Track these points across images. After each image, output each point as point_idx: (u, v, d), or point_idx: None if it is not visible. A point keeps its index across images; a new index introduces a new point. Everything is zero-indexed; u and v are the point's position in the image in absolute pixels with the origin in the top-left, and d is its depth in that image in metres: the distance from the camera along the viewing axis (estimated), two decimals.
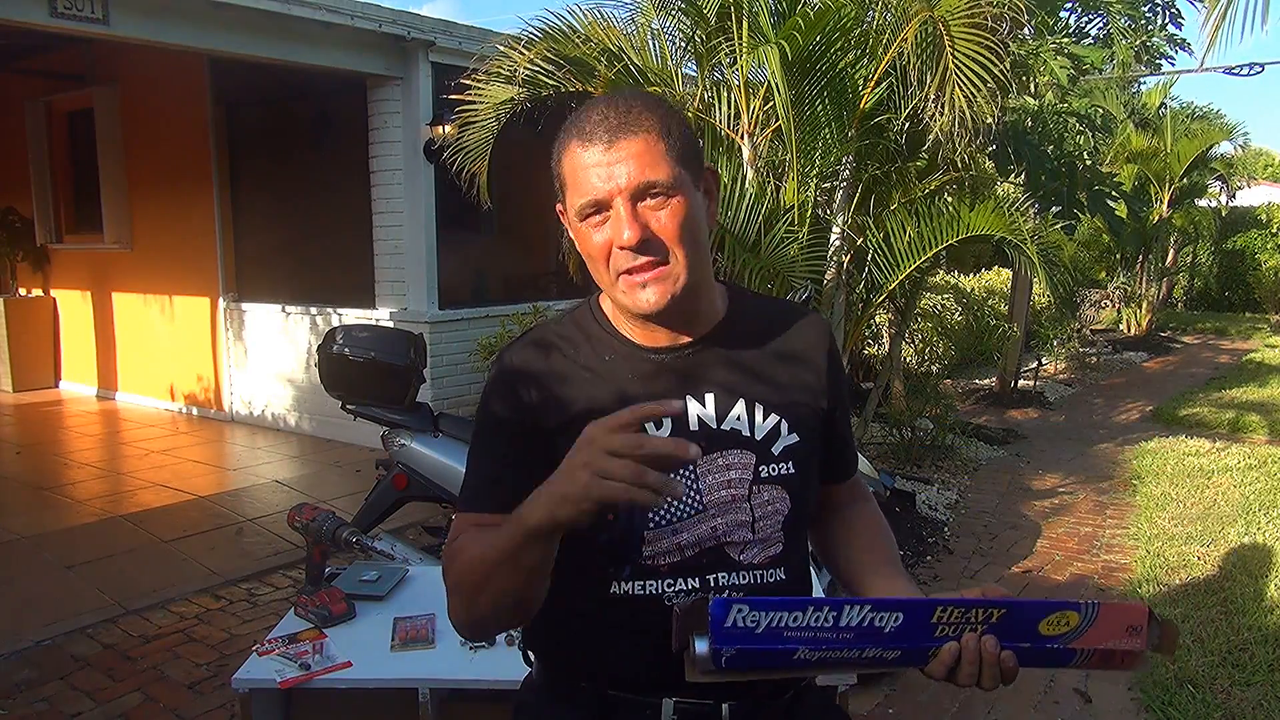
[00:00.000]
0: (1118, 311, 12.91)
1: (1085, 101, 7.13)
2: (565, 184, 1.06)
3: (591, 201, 1.02)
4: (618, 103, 1.04)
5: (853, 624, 0.88)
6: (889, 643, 0.89)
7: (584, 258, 1.09)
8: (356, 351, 3.22)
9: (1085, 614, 0.92)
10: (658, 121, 1.03)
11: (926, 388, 6.36)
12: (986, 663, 0.91)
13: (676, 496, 0.85)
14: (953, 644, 0.91)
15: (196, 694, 2.96)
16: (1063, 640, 0.92)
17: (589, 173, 1.02)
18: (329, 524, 2.12)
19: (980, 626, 0.91)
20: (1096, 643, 0.93)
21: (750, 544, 1.09)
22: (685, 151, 1.05)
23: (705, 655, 0.86)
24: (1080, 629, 0.92)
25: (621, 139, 1.01)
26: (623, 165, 1.01)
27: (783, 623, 0.86)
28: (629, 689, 1.08)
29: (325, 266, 6.44)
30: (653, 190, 1.01)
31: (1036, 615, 0.92)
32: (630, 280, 1.04)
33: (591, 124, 1.02)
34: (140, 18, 4.60)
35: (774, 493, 1.10)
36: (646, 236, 1.01)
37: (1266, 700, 2.86)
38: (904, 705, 2.93)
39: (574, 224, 1.07)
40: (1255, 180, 17.59)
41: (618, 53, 4.20)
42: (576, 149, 1.03)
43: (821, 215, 4.36)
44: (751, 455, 1.10)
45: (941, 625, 0.90)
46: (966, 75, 3.56)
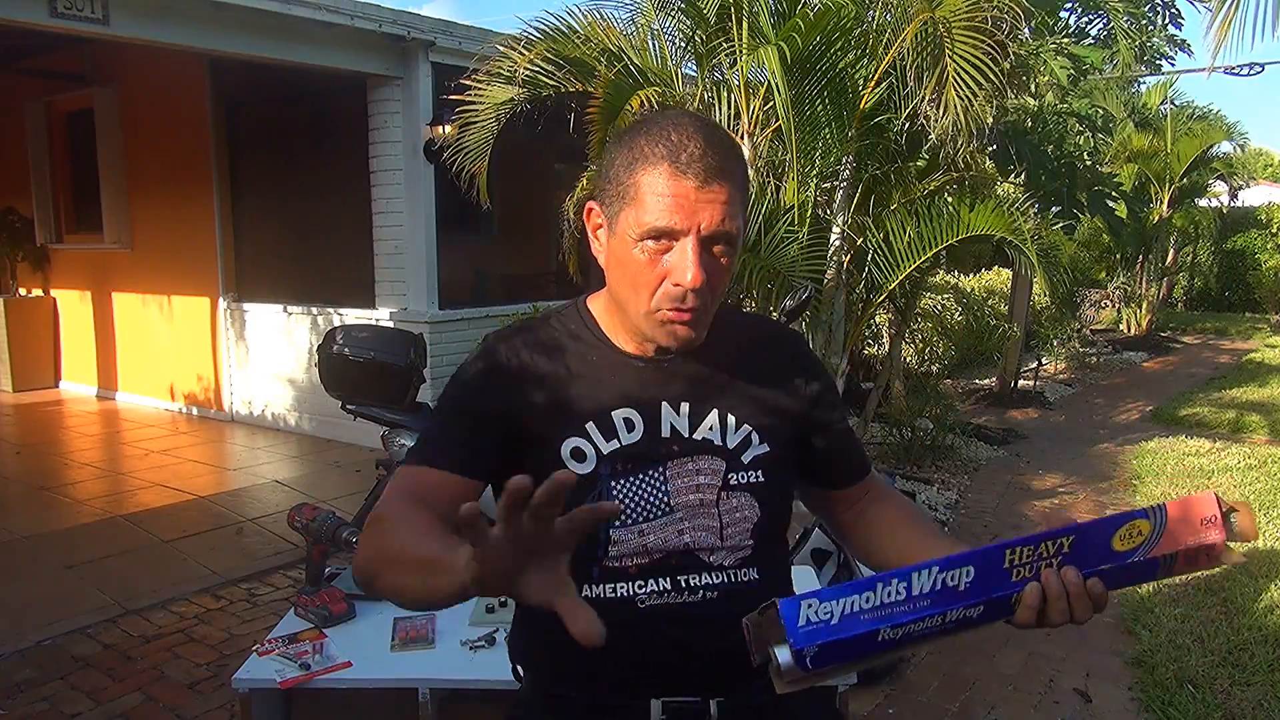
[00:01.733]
0: (1118, 311, 12.91)
1: (1085, 102, 7.14)
2: (634, 197, 1.03)
3: (665, 229, 1.01)
4: (714, 141, 1.02)
5: (925, 590, 0.84)
6: (968, 599, 0.85)
7: (613, 270, 1.08)
8: (356, 351, 3.22)
9: (1155, 519, 0.88)
10: (742, 175, 1.05)
11: (926, 388, 6.36)
12: (1074, 595, 0.87)
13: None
14: (1034, 584, 0.86)
15: (196, 694, 2.96)
16: (1141, 551, 0.88)
17: (672, 201, 1.00)
18: (329, 524, 2.12)
19: (1055, 560, 0.87)
20: (1176, 545, 0.88)
21: (718, 549, 1.10)
22: (746, 209, 1.07)
23: (789, 662, 0.83)
24: (1154, 535, 0.88)
25: (716, 183, 1.01)
26: (709, 209, 1.00)
27: (856, 606, 0.83)
28: (616, 693, 1.09)
29: (325, 266, 6.44)
30: (723, 240, 1.03)
31: (1108, 532, 0.88)
32: (672, 317, 1.04)
33: (689, 154, 1.00)
34: (140, 18, 4.60)
35: (743, 499, 1.11)
36: (705, 282, 1.02)
37: (1266, 700, 2.86)
38: (904, 705, 2.93)
39: (623, 238, 1.04)
40: (1255, 180, 17.59)
41: (618, 53, 4.20)
42: (665, 174, 1.01)
43: (821, 215, 4.36)
44: (722, 462, 1.11)
45: (1016, 568, 0.86)
46: (965, 77, 3.56)
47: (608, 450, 1.09)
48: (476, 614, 2.01)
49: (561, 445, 1.08)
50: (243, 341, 6.85)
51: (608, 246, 1.09)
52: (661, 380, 1.12)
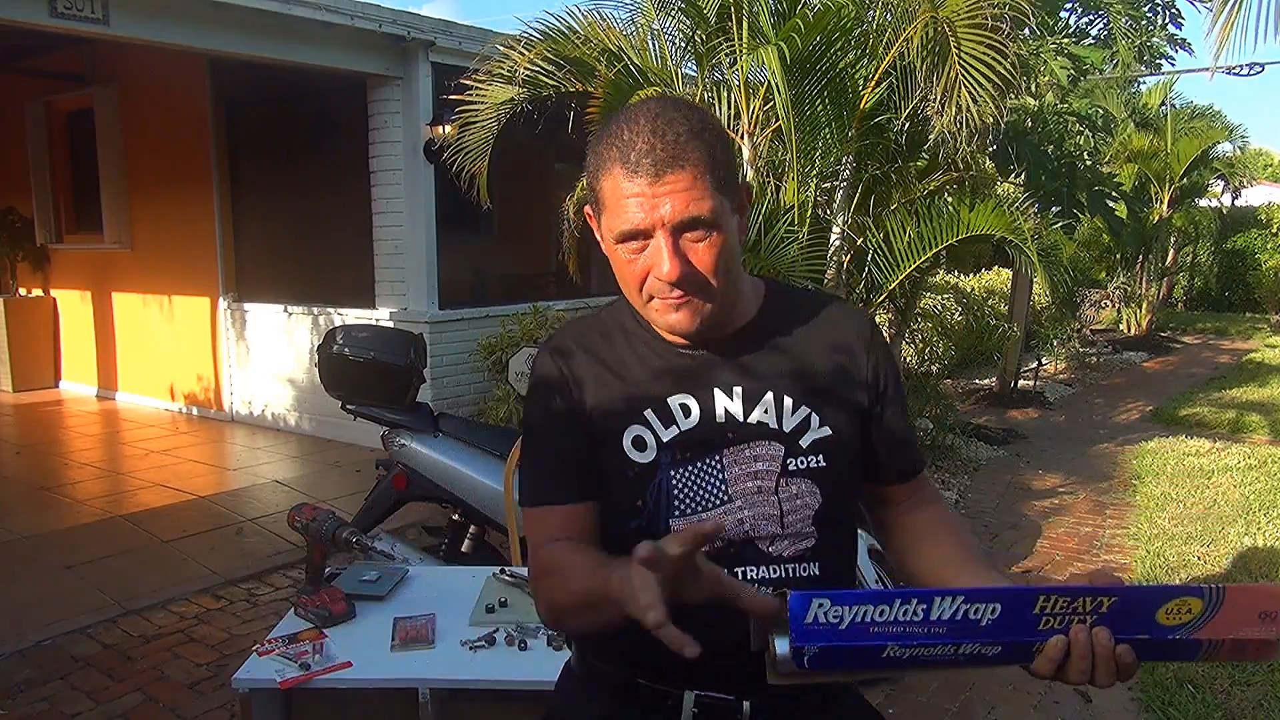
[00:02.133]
0: (1118, 311, 12.90)
1: (1085, 102, 7.14)
2: (603, 204, 1.05)
3: (632, 231, 1.02)
4: (664, 130, 1.00)
5: (944, 617, 0.80)
6: (987, 637, 0.81)
7: (616, 274, 1.10)
8: (356, 351, 3.22)
9: (1210, 599, 0.82)
10: (705, 152, 1.01)
11: (926, 388, 6.36)
12: (1100, 657, 0.82)
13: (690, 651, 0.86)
14: (1060, 637, 0.82)
15: (196, 694, 2.96)
16: (1185, 630, 0.82)
17: (631, 202, 1.01)
18: (329, 524, 2.12)
19: (1090, 617, 0.82)
20: (1224, 632, 0.82)
21: (779, 538, 1.09)
22: (726, 179, 1.04)
23: (786, 655, 0.81)
24: (1205, 617, 0.82)
25: (668, 173, 1.00)
26: (667, 200, 1.00)
27: (868, 617, 0.80)
28: (653, 678, 1.10)
29: (325, 266, 6.44)
30: (695, 226, 1.02)
31: (1154, 602, 0.83)
32: (664, 305, 1.05)
33: (638, 152, 1.00)
34: (140, 18, 4.60)
35: (803, 485, 1.10)
36: (686, 271, 1.02)
37: (1266, 700, 2.86)
38: (904, 705, 2.93)
39: (608, 243, 1.07)
40: (1255, 180, 17.58)
41: (617, 53, 4.20)
42: (620, 175, 1.01)
43: (821, 215, 4.36)
44: (780, 447, 1.10)
45: (1046, 616, 0.82)
46: (972, 76, 3.56)
47: (668, 438, 1.09)
48: (476, 614, 2.01)
49: (624, 435, 1.09)
50: (243, 341, 6.85)
51: (604, 249, 1.10)
52: (712, 365, 1.12)
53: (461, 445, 3.24)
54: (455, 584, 2.21)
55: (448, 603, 2.07)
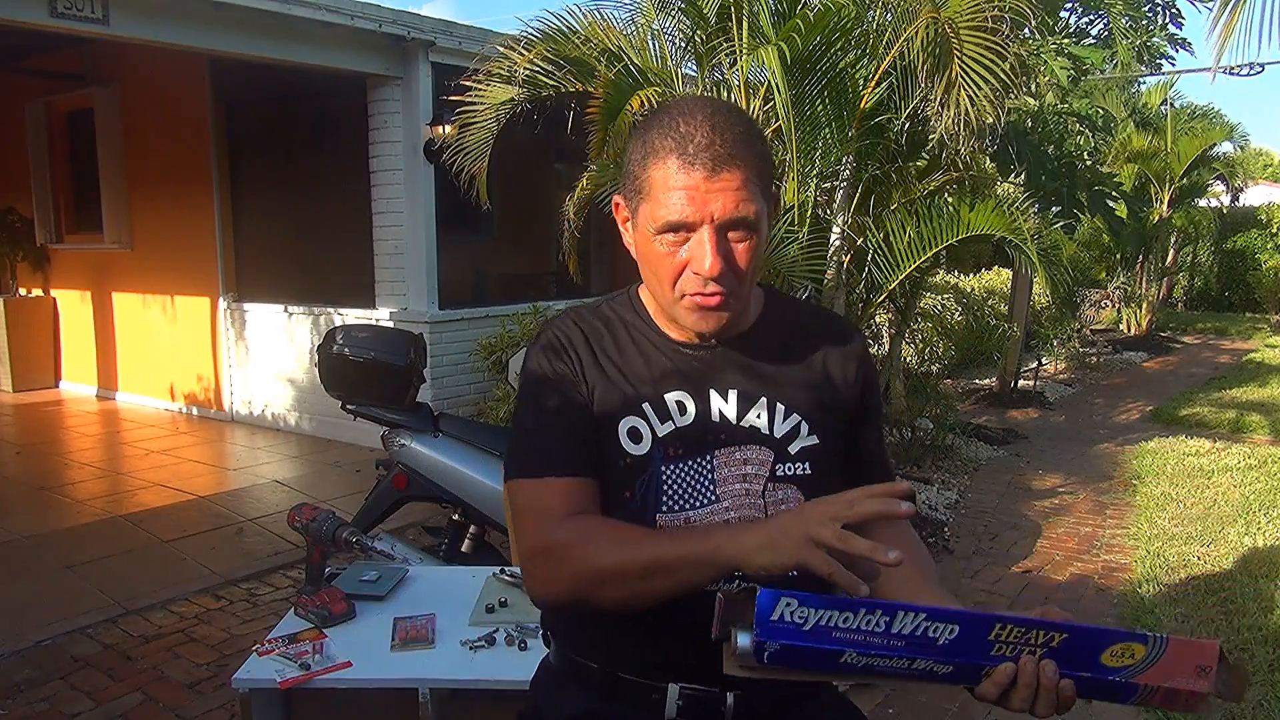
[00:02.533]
0: (1118, 311, 12.90)
1: (1086, 102, 7.14)
2: (648, 194, 1.05)
3: (679, 223, 1.02)
4: (723, 127, 1.02)
5: (905, 632, 0.83)
6: (941, 656, 0.85)
7: (642, 263, 1.10)
8: (356, 351, 3.22)
9: (1152, 647, 0.86)
10: (757, 157, 1.03)
11: (926, 388, 6.36)
12: (1044, 688, 0.86)
13: (859, 595, 0.85)
14: (1009, 665, 0.86)
15: (196, 694, 2.96)
16: (1126, 674, 0.87)
17: (682, 194, 1.01)
18: (329, 524, 2.12)
19: (1040, 650, 0.86)
20: (1161, 680, 0.87)
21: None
22: (767, 184, 1.06)
23: (747, 649, 0.84)
24: (1145, 663, 0.86)
25: (724, 171, 1.00)
26: (719, 197, 1.01)
27: (832, 622, 0.83)
28: (637, 673, 1.10)
29: (325, 266, 6.44)
30: (740, 226, 1.03)
31: (1100, 643, 0.87)
32: (696, 302, 1.05)
33: (696, 145, 1.01)
34: (140, 18, 4.60)
35: (788, 492, 1.11)
36: (725, 269, 1.03)
37: (1266, 700, 2.86)
38: (904, 705, 2.93)
39: (644, 233, 1.06)
40: (1255, 180, 17.58)
41: (617, 53, 4.19)
42: (675, 167, 1.02)
43: (821, 215, 4.36)
44: (769, 452, 1.11)
45: (999, 644, 0.85)
46: (972, 77, 3.56)
47: (663, 433, 1.09)
48: (476, 614, 2.02)
49: (619, 425, 1.09)
50: (243, 341, 6.85)
51: (634, 239, 1.10)
52: (711, 367, 1.13)
53: (461, 445, 3.24)
54: (455, 584, 2.21)
55: (448, 603, 2.07)
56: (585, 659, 1.14)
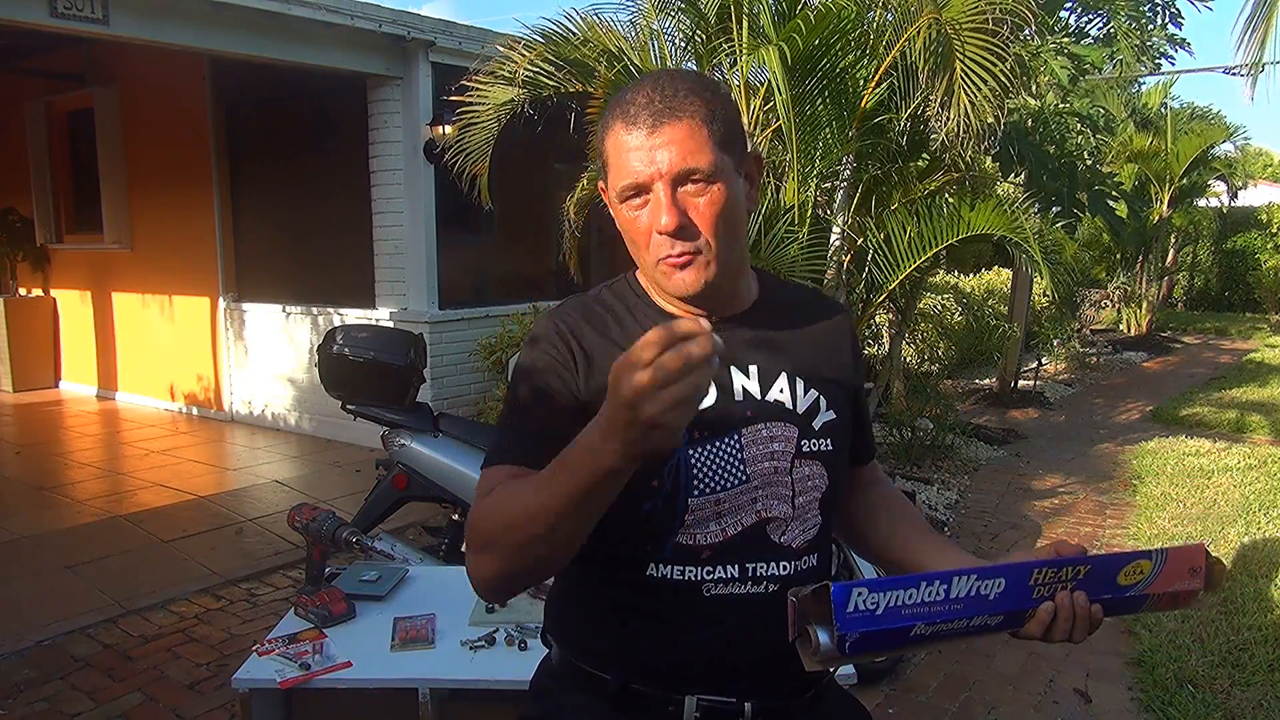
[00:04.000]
0: (1118, 311, 12.90)
1: (1086, 102, 7.13)
2: (607, 164, 1.06)
3: (632, 185, 1.03)
4: (663, 84, 1.03)
5: (962, 594, 0.90)
6: (993, 608, 0.92)
7: (624, 238, 1.10)
8: (356, 351, 3.21)
9: (1156, 561, 0.98)
10: (703, 106, 1.03)
11: (926, 388, 6.36)
12: (1080, 617, 0.95)
13: (721, 353, 0.79)
14: (1049, 604, 0.94)
15: (196, 694, 2.96)
16: (1138, 588, 0.98)
17: (630, 155, 1.02)
18: (329, 524, 2.12)
19: (1070, 584, 0.95)
20: (1165, 586, 0.98)
21: (790, 522, 1.08)
22: (728, 136, 1.04)
23: (829, 644, 0.88)
24: (1152, 575, 0.98)
25: (665, 124, 1.01)
26: (664, 150, 1.01)
27: (900, 601, 0.88)
28: (652, 683, 1.07)
29: (325, 266, 6.44)
30: (693, 177, 1.02)
31: (1116, 567, 0.97)
32: (669, 263, 1.04)
33: (636, 106, 1.02)
34: (140, 18, 4.60)
35: (813, 468, 1.11)
36: (684, 223, 1.02)
37: (1266, 700, 2.86)
38: (904, 705, 2.93)
39: (614, 203, 1.07)
40: (1255, 180, 17.58)
41: (617, 54, 4.19)
42: (620, 130, 1.03)
43: (821, 215, 4.36)
44: (794, 429, 1.10)
45: (1038, 586, 0.94)
46: (974, 78, 3.56)
47: None
48: (476, 614, 2.02)
49: None
50: (242, 341, 6.85)
51: (614, 217, 1.10)
52: (728, 342, 1.09)
53: (461, 445, 3.24)
54: (455, 584, 2.21)
55: (448, 603, 2.07)
56: (596, 669, 1.10)
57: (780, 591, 1.04)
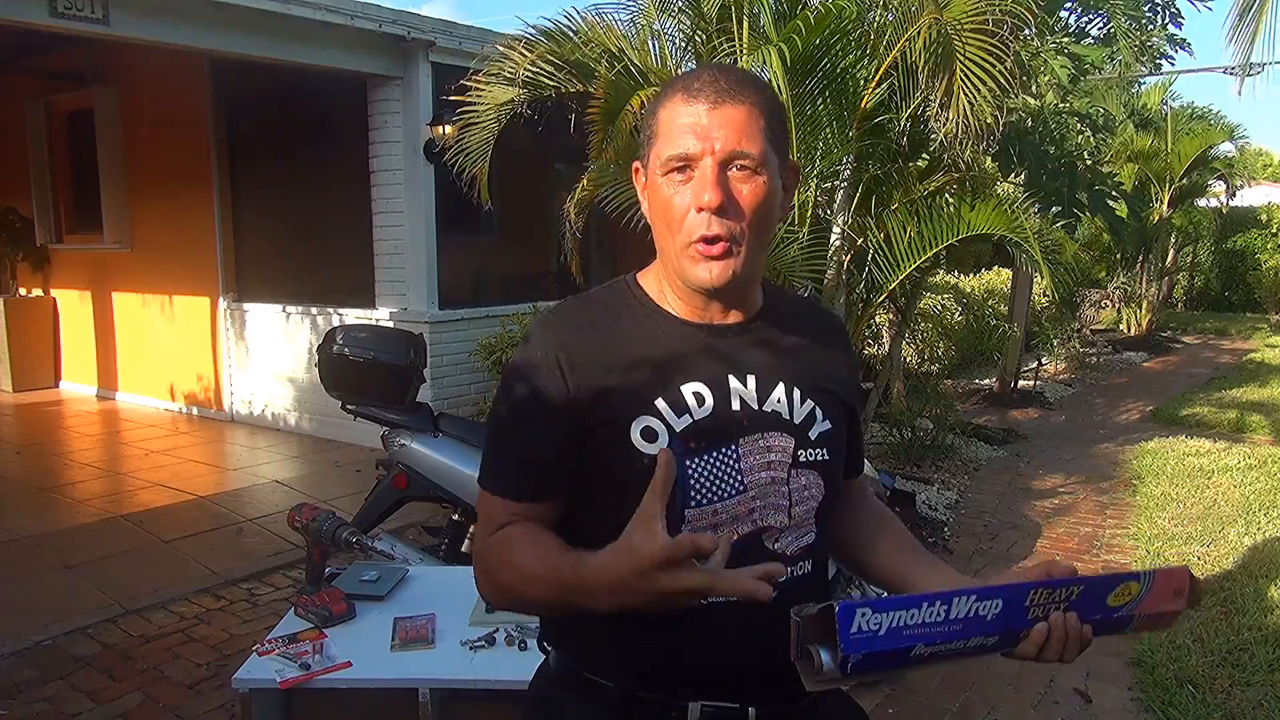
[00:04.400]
0: (1118, 311, 12.90)
1: (1086, 101, 7.13)
2: (657, 134, 1.06)
3: (681, 155, 1.03)
4: (729, 71, 1.06)
5: (961, 615, 0.91)
6: (990, 629, 0.93)
7: (653, 218, 1.09)
8: (356, 351, 3.21)
9: (1144, 583, 0.99)
10: (762, 99, 1.05)
11: (926, 388, 6.36)
12: (1072, 638, 0.96)
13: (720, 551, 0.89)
14: (1043, 624, 0.95)
15: (196, 694, 2.96)
16: (1126, 609, 0.99)
17: (686, 128, 1.03)
18: (329, 524, 2.12)
19: (1063, 605, 0.96)
20: (1151, 608, 1.00)
21: (786, 530, 1.09)
22: (777, 137, 1.06)
23: (831, 665, 0.88)
24: (1140, 597, 0.99)
25: (727, 103, 1.02)
26: (721, 129, 1.02)
27: (901, 621, 0.88)
28: (655, 689, 1.07)
29: (325, 266, 6.44)
30: (742, 161, 1.02)
31: (1106, 589, 0.98)
32: (702, 250, 1.04)
33: (701, 82, 1.04)
34: (140, 18, 4.60)
35: (810, 478, 1.11)
36: (726, 204, 1.02)
37: (1266, 700, 2.86)
38: (904, 705, 2.93)
39: (654, 178, 1.07)
40: (1255, 180, 17.58)
41: (618, 54, 4.20)
42: (679, 102, 1.04)
43: (821, 215, 4.36)
44: (791, 439, 1.10)
45: (1033, 607, 0.95)
46: (974, 78, 3.56)
47: (680, 427, 1.05)
48: (476, 614, 2.01)
49: (631, 426, 1.04)
50: (243, 341, 6.85)
51: (647, 196, 1.10)
52: (725, 350, 1.11)
53: (461, 445, 3.23)
54: (455, 584, 2.21)
55: (448, 603, 2.07)
56: (597, 675, 1.10)
57: (778, 598, 1.04)
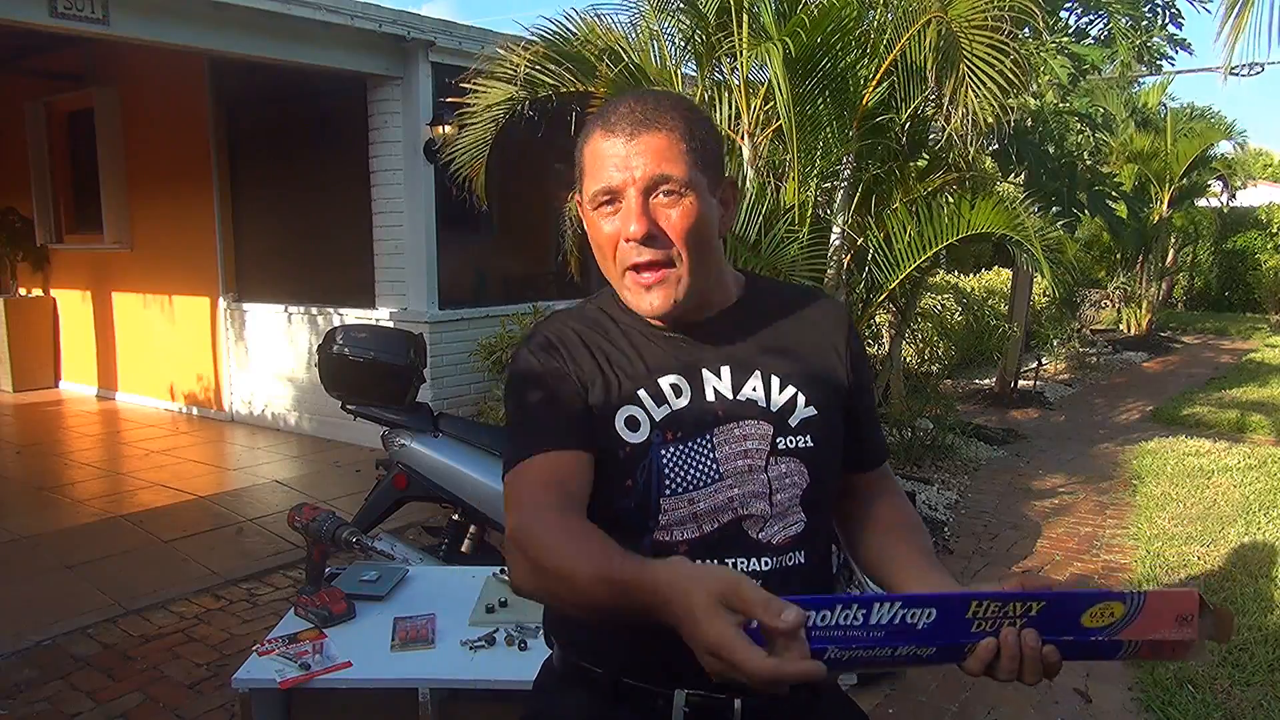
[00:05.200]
0: (1118, 311, 12.91)
1: (1086, 101, 7.13)
2: (584, 171, 1.09)
3: (605, 189, 1.05)
4: (646, 99, 1.07)
5: (883, 622, 0.84)
6: (923, 640, 0.85)
7: (594, 249, 1.12)
8: (356, 351, 3.21)
9: (1130, 604, 0.87)
10: (681, 122, 1.06)
11: (926, 388, 6.36)
12: (1028, 658, 0.87)
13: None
14: (990, 640, 0.87)
15: (196, 694, 2.96)
16: (1107, 632, 0.87)
17: (607, 161, 1.05)
18: (329, 524, 2.12)
19: (1019, 620, 0.87)
20: (1144, 634, 0.87)
21: (769, 519, 1.09)
22: (706, 157, 1.07)
23: None
24: (1126, 620, 0.87)
25: (643, 133, 1.04)
26: (640, 158, 1.03)
27: (810, 622, 0.83)
28: (642, 678, 1.09)
29: (325, 266, 6.44)
30: (665, 186, 1.04)
31: (1079, 607, 0.87)
32: (636, 280, 1.06)
33: (617, 115, 1.06)
34: (140, 18, 4.60)
35: (791, 465, 1.11)
36: (653, 232, 1.04)
37: (1266, 700, 2.86)
38: (903, 705, 2.93)
39: (587, 212, 1.09)
40: (1255, 180, 17.58)
41: (618, 54, 4.20)
42: (599, 137, 1.07)
43: (822, 215, 4.36)
44: (768, 426, 1.11)
45: (978, 620, 0.87)
46: (980, 75, 3.56)
47: (659, 417, 1.09)
48: (476, 614, 2.01)
49: (617, 415, 1.09)
50: (243, 341, 6.85)
51: (586, 228, 1.12)
52: (699, 349, 1.13)
53: (461, 445, 3.23)
54: (455, 584, 2.21)
55: (448, 603, 2.07)
56: (589, 664, 1.13)
57: (764, 588, 1.04)
